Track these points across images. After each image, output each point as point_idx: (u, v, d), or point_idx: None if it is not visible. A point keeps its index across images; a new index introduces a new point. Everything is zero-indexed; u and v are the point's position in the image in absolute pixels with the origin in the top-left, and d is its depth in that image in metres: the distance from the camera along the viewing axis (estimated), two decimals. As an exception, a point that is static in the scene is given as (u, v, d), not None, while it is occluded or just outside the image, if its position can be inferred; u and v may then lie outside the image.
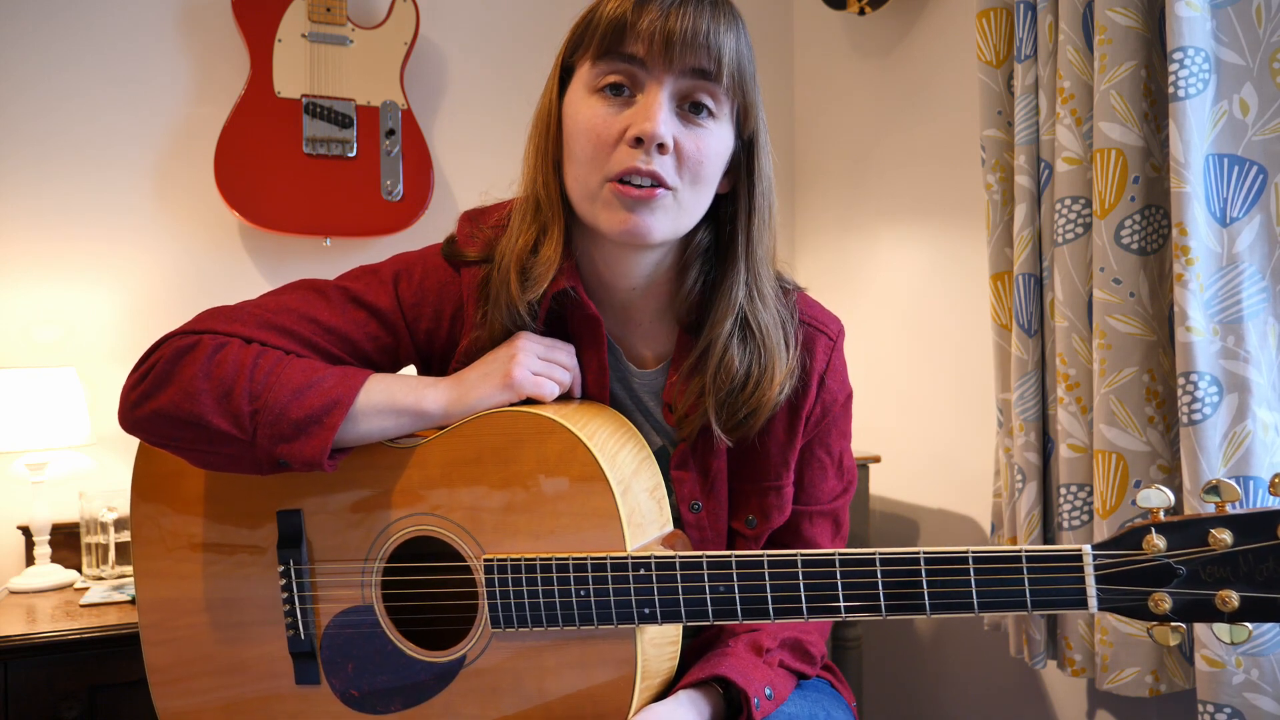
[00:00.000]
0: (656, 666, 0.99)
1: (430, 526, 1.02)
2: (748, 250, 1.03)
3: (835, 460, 1.13)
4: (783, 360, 1.04)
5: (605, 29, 0.96)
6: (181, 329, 1.02)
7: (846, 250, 2.55)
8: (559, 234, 1.01)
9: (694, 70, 0.95)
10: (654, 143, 0.94)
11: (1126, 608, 0.84)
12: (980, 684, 2.18)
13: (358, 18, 2.27)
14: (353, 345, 1.06)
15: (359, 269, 1.11)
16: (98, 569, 1.97)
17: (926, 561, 0.87)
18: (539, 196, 1.03)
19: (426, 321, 1.08)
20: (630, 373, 1.10)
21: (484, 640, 1.00)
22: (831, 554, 0.90)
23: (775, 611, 0.91)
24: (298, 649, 1.06)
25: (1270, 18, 1.45)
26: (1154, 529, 0.83)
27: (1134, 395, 1.56)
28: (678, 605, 0.93)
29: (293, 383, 0.97)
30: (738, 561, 0.92)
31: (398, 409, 1.00)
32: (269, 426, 0.95)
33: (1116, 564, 0.84)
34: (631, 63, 0.95)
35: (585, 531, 0.95)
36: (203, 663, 1.09)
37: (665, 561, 0.93)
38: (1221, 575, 0.81)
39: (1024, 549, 0.86)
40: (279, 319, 1.03)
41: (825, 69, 2.64)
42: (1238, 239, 1.46)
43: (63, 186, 2.13)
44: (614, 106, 0.97)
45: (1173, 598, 0.83)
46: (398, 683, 1.03)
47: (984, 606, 0.86)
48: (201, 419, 0.95)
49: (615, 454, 0.98)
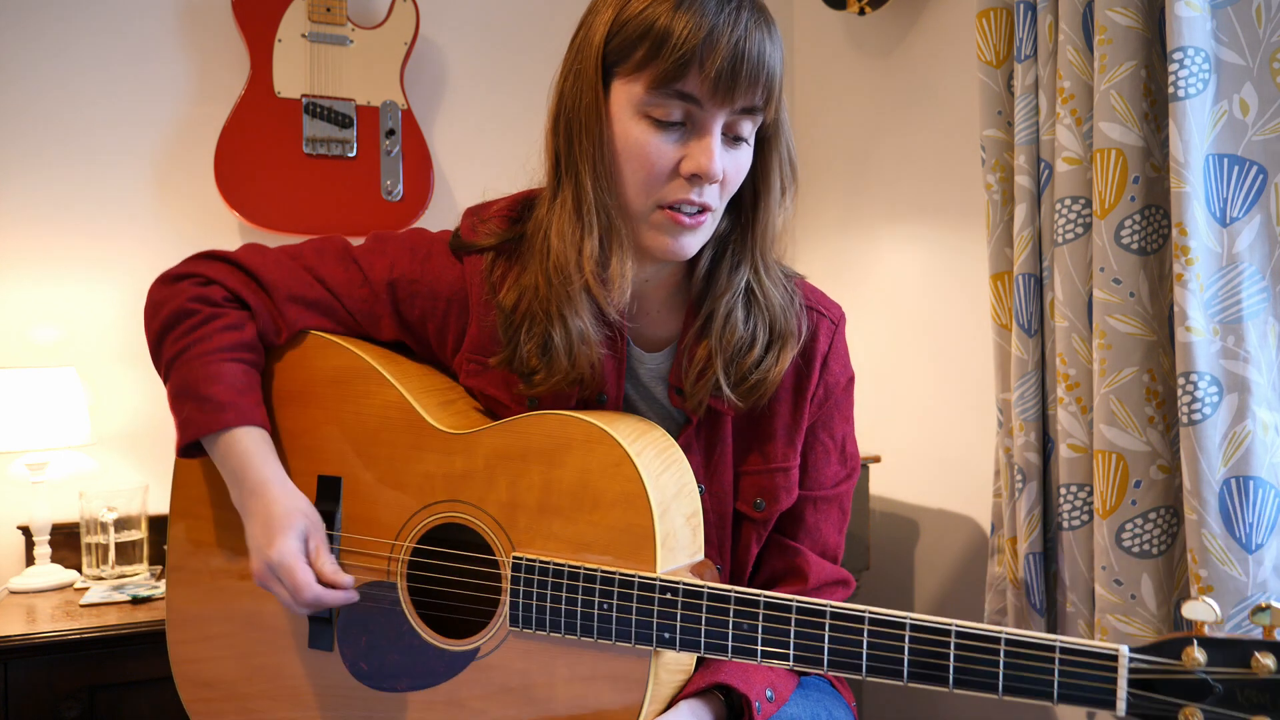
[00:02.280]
0: (665, 692, 0.99)
1: (465, 515, 1.03)
2: (755, 231, 1.05)
3: (838, 444, 1.14)
4: (783, 322, 1.06)
5: (670, 61, 0.93)
6: (216, 256, 1.16)
7: (846, 250, 2.55)
8: (626, 244, 1.01)
9: (745, 109, 0.97)
10: (710, 181, 0.97)
11: (1156, 717, 0.81)
12: (980, 684, 2.18)
13: (358, 18, 2.27)
14: (341, 296, 1.13)
15: (376, 239, 1.16)
16: (98, 569, 1.97)
17: (958, 635, 0.86)
18: (607, 209, 1.00)
19: (422, 300, 1.11)
20: (638, 359, 1.10)
21: (500, 636, 1.00)
22: (862, 611, 0.89)
23: (796, 659, 0.91)
24: (315, 612, 1.07)
25: (1270, 18, 1.45)
26: (1196, 642, 0.80)
27: (1134, 395, 1.56)
28: (698, 636, 0.93)
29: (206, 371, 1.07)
30: (766, 603, 0.91)
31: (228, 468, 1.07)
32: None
33: (1152, 671, 0.81)
34: (689, 101, 0.95)
35: (618, 546, 0.96)
36: (223, 618, 1.12)
37: (693, 590, 0.93)
38: (1259, 701, 0.78)
39: (1059, 640, 0.83)
40: (294, 268, 1.14)
41: (825, 69, 2.64)
42: (1238, 239, 1.46)
43: (63, 186, 2.13)
44: (668, 134, 0.97)
45: (1205, 714, 0.80)
46: (407, 663, 1.04)
47: (1009, 691, 0.84)
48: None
49: (659, 474, 0.98)
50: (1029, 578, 1.74)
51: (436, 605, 1.06)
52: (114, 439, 2.13)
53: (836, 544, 1.15)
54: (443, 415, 1.08)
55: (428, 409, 1.07)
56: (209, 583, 1.13)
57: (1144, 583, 1.56)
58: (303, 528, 1.02)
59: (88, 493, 1.99)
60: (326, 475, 1.09)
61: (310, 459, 1.10)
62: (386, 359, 1.12)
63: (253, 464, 1.05)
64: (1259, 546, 1.43)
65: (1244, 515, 1.43)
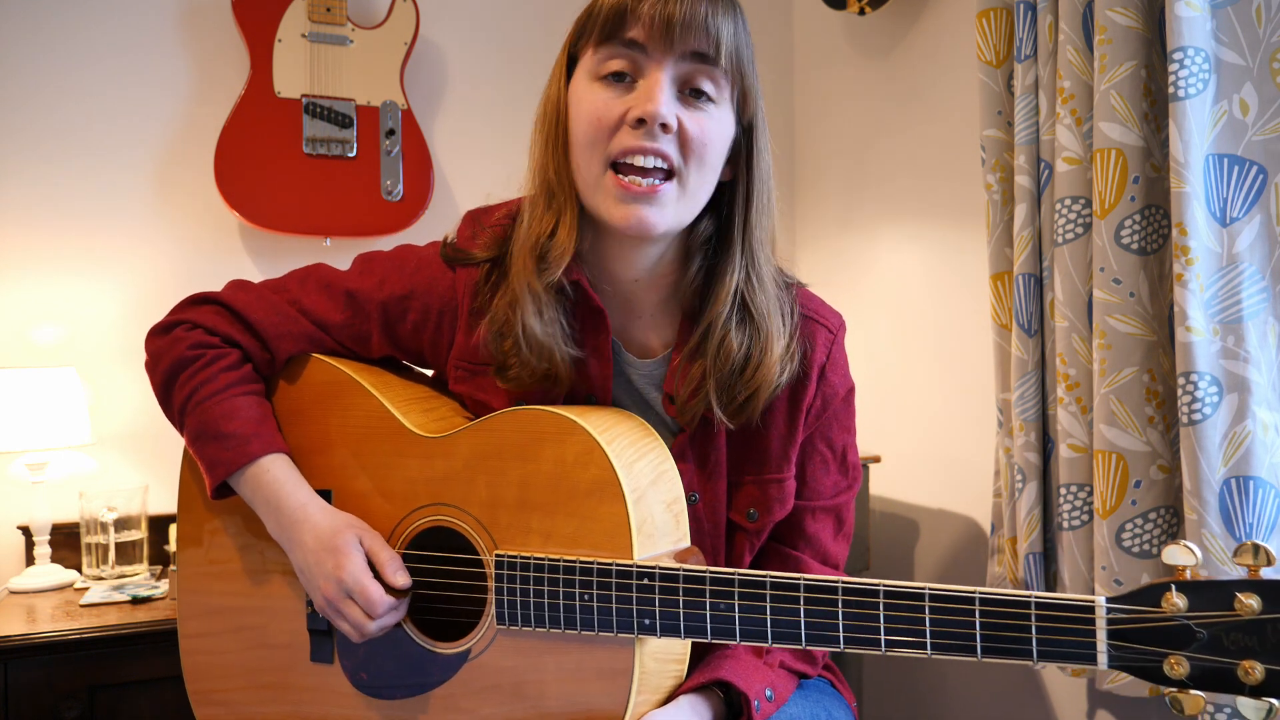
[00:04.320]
0: (657, 681, 0.98)
1: (449, 518, 1.03)
2: (745, 235, 1.04)
3: (837, 455, 1.13)
4: (780, 342, 1.04)
5: (606, 16, 0.97)
6: (204, 298, 1.16)
7: (846, 250, 2.55)
8: (572, 219, 1.02)
9: (694, 54, 0.96)
10: (656, 122, 0.95)
11: (1140, 668, 0.78)
12: (980, 683, 2.18)
13: (358, 18, 2.27)
14: (327, 327, 1.13)
15: (361, 260, 1.16)
16: (98, 569, 1.97)
17: (931, 599, 0.84)
18: (550, 184, 1.03)
19: (414, 314, 1.11)
20: (630, 364, 1.10)
21: (489, 636, 1.00)
22: (835, 581, 0.88)
23: (773, 636, 0.90)
24: (315, 626, 1.09)
25: (1270, 18, 1.45)
26: (1175, 586, 0.77)
27: (1134, 395, 1.56)
28: (677, 620, 0.93)
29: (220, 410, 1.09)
30: (740, 581, 0.91)
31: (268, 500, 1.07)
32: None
33: (1131, 620, 0.78)
34: (632, 48, 0.96)
35: (595, 536, 0.96)
36: (230, 632, 1.13)
37: (669, 574, 0.93)
38: (1246, 644, 0.74)
39: (1034, 595, 0.81)
40: (274, 301, 1.14)
41: (825, 69, 2.64)
42: (1238, 239, 1.46)
43: (63, 186, 2.13)
44: (616, 91, 0.98)
45: (1190, 663, 0.76)
46: (404, 670, 1.04)
47: (987, 652, 0.82)
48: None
49: (633, 462, 0.98)
50: (1029, 578, 1.74)
51: (429, 610, 1.06)
52: (114, 439, 2.13)
53: (837, 553, 1.15)
54: (424, 421, 1.08)
55: (408, 416, 1.08)
56: (218, 602, 1.15)
57: (1144, 583, 1.56)
58: (356, 541, 1.03)
59: (88, 493, 1.99)
60: (317, 489, 1.09)
61: (301, 474, 1.11)
62: (367, 372, 1.13)
63: (286, 489, 1.06)
64: (1259, 546, 1.43)
65: (1244, 515, 1.43)
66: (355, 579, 1.00)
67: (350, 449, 1.09)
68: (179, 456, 1.18)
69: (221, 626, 1.14)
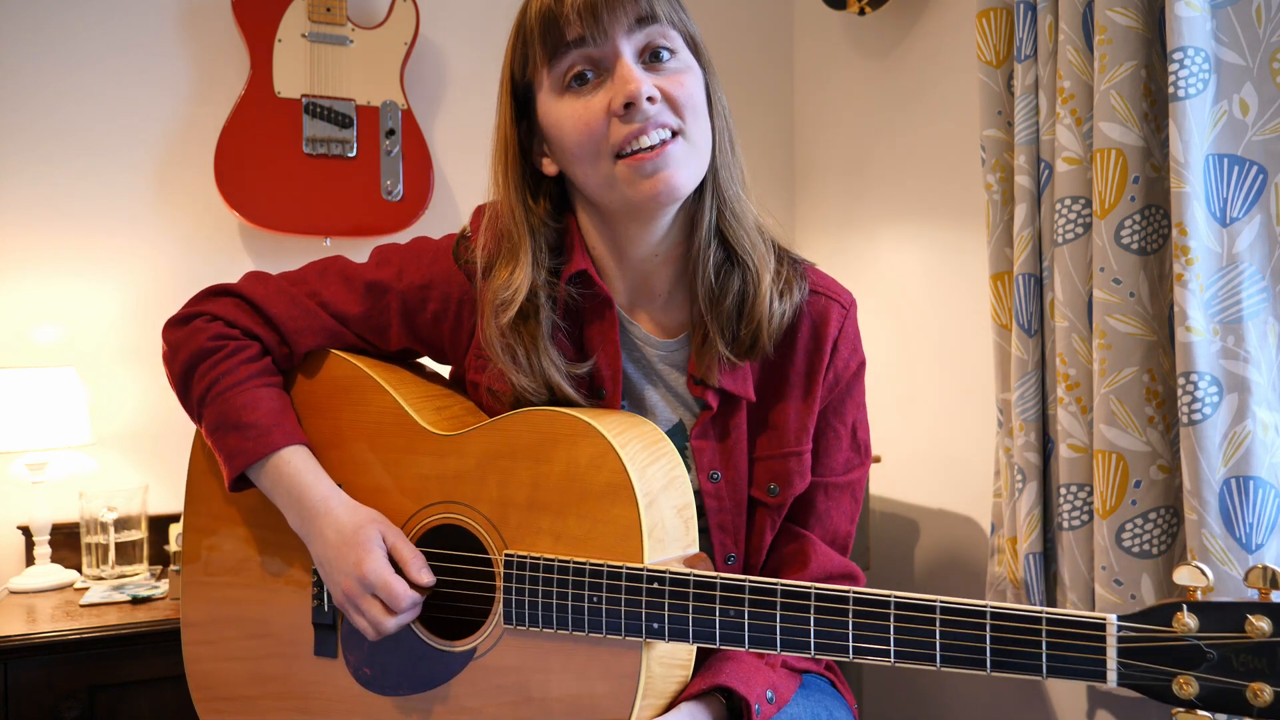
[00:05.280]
0: (662, 686, 0.98)
1: (459, 515, 1.04)
2: (713, 173, 1.05)
3: (849, 430, 1.14)
4: (768, 274, 1.06)
5: (540, 33, 0.99)
6: (221, 290, 1.16)
7: (846, 250, 2.55)
8: (527, 259, 1.04)
9: (636, 21, 0.98)
10: (642, 99, 0.96)
11: (1149, 687, 0.78)
12: (980, 684, 2.18)
13: (358, 18, 2.27)
14: (346, 319, 1.14)
15: (378, 253, 1.17)
16: (98, 569, 1.97)
17: (943, 612, 0.84)
18: (507, 228, 1.05)
19: (435, 304, 1.11)
20: (648, 343, 1.10)
21: (496, 635, 1.00)
22: (846, 592, 0.88)
23: (783, 645, 0.90)
24: (320, 620, 1.09)
25: (1270, 18, 1.45)
26: (1186, 606, 0.77)
27: (1134, 395, 1.56)
28: (686, 625, 0.93)
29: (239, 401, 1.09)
30: (752, 588, 0.91)
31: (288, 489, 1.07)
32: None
33: (1142, 638, 0.78)
34: (580, 46, 0.97)
35: (606, 539, 0.96)
36: (234, 623, 1.13)
37: (680, 579, 0.93)
38: (1256, 666, 0.75)
39: (1045, 611, 0.81)
40: (294, 292, 1.15)
41: (825, 69, 2.64)
42: (1238, 239, 1.46)
43: (63, 186, 2.13)
44: (586, 93, 0.99)
45: (1200, 683, 0.76)
46: (408, 667, 1.04)
47: (997, 666, 0.82)
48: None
49: (646, 466, 0.98)
50: (1029, 578, 1.74)
51: (436, 607, 1.06)
52: (114, 439, 2.13)
53: (847, 532, 1.15)
54: (437, 419, 1.08)
55: (422, 413, 1.08)
56: (222, 593, 1.15)
57: (1144, 583, 1.56)
58: (379, 537, 1.03)
59: (88, 493, 1.99)
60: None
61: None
62: (382, 368, 1.14)
63: (308, 481, 1.06)
64: (1259, 546, 1.43)
65: (1244, 515, 1.43)
66: (379, 575, 1.00)
67: (363, 444, 1.09)
68: (179, 457, 1.18)
69: (225, 615, 1.14)
